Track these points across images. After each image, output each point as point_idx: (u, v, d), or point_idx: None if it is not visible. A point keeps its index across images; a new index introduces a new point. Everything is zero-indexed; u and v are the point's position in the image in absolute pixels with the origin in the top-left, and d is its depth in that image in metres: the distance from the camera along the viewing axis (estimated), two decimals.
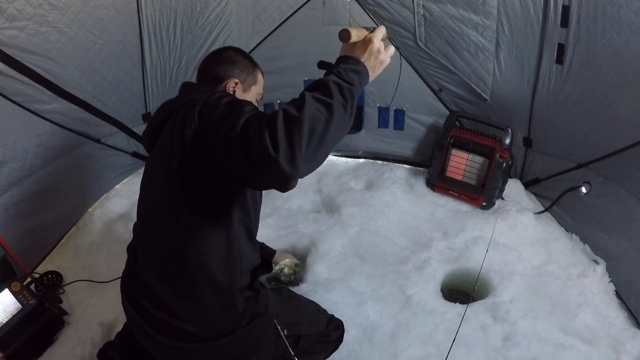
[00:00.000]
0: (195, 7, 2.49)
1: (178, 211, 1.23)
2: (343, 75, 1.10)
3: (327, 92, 1.05)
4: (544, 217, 2.58)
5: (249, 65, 1.54)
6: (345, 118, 1.05)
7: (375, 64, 1.19)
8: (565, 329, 1.96)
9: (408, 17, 2.51)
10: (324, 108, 1.01)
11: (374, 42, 1.18)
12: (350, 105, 1.07)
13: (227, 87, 1.46)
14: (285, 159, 0.94)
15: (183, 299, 1.31)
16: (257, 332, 1.40)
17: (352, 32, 1.17)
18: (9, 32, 1.79)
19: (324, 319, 1.71)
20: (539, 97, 2.38)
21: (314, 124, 0.97)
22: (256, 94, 1.58)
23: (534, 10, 2.14)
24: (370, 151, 3.10)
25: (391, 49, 1.21)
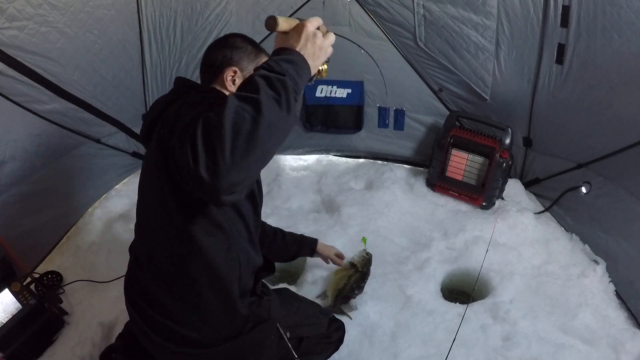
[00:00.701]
0: (195, 7, 2.49)
1: (170, 213, 1.18)
2: (273, 67, 0.96)
3: (252, 87, 0.91)
4: (544, 217, 2.58)
5: (251, 50, 1.40)
6: (280, 114, 0.91)
7: (314, 50, 1.05)
8: (565, 329, 1.96)
9: (408, 17, 2.51)
10: (248, 106, 0.88)
11: (307, 26, 1.05)
12: (286, 98, 0.93)
13: (225, 77, 1.35)
14: (207, 170, 0.84)
15: (181, 303, 1.28)
16: (260, 337, 1.38)
17: (280, 20, 1.05)
18: (9, 32, 1.79)
19: (325, 320, 1.71)
20: (539, 97, 2.38)
21: (238, 126, 0.85)
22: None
23: (534, 10, 2.14)
24: (370, 151, 3.10)
25: (331, 36, 1.10)
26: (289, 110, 0.93)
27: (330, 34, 1.10)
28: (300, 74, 1.01)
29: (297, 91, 0.98)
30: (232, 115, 0.86)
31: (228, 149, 0.84)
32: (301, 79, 1.01)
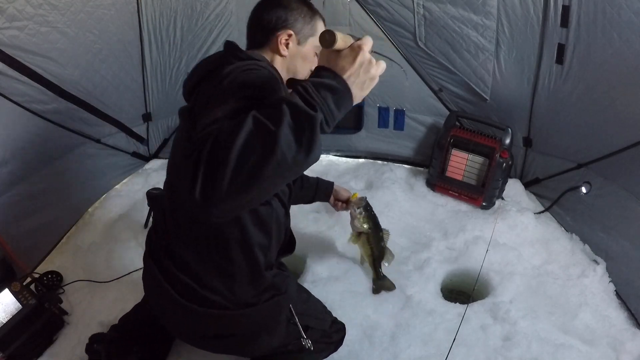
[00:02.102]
0: (195, 7, 2.49)
1: None
2: (310, 94, 0.82)
3: (276, 115, 0.78)
4: (544, 217, 2.58)
5: (306, 12, 1.33)
6: (295, 155, 0.78)
7: (365, 79, 0.91)
8: (565, 329, 1.96)
9: (408, 17, 2.51)
10: (262, 137, 0.76)
11: (364, 49, 0.90)
12: (309, 138, 0.79)
13: (279, 40, 1.29)
14: (201, 194, 0.77)
15: (209, 267, 1.27)
16: (276, 310, 1.39)
17: (339, 36, 0.89)
18: (9, 32, 1.80)
19: (329, 318, 1.74)
20: (539, 97, 2.38)
21: (245, 158, 0.75)
22: (314, 47, 1.36)
23: (534, 10, 2.14)
24: (370, 151, 3.10)
25: (382, 65, 0.95)
26: (309, 151, 0.80)
27: (382, 63, 0.95)
28: (339, 106, 0.87)
29: (330, 124, 0.87)
30: (242, 142, 0.75)
31: (227, 179, 0.75)
32: (339, 111, 0.88)
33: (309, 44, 1.35)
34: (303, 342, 1.53)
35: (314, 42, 1.35)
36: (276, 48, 1.30)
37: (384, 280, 2.07)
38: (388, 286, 2.08)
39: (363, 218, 1.87)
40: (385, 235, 1.94)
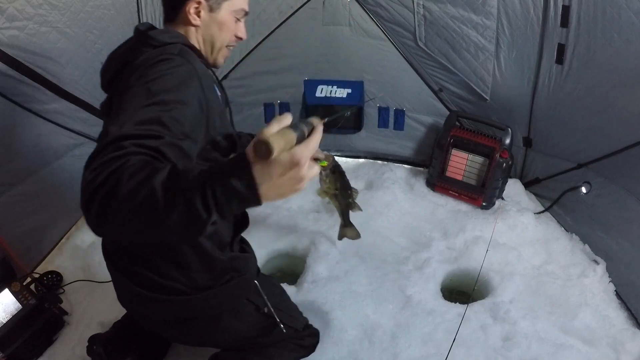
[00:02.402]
0: None
1: None
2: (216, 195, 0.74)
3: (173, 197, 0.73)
4: (544, 217, 2.58)
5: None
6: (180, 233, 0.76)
7: (287, 191, 0.78)
8: (565, 329, 1.96)
9: (408, 17, 2.51)
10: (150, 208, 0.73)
11: (301, 165, 0.73)
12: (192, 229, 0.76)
13: (188, 11, 1.23)
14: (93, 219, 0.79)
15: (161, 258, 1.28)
16: (235, 292, 1.39)
17: (275, 143, 0.71)
18: (9, 32, 1.79)
19: (303, 320, 1.70)
20: (539, 97, 2.38)
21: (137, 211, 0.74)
22: (232, 12, 1.29)
23: (534, 10, 2.14)
24: (370, 151, 3.11)
25: (314, 172, 0.79)
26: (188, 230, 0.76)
27: (314, 170, 0.79)
28: (239, 208, 0.79)
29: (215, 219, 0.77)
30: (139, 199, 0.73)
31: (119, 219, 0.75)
32: (236, 211, 0.80)
33: (224, 10, 1.27)
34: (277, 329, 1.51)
35: (230, 7, 1.28)
36: (187, 19, 1.24)
37: (350, 227, 2.05)
38: (352, 235, 2.06)
39: (330, 181, 1.74)
40: (354, 194, 1.89)
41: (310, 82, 2.88)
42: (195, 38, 1.29)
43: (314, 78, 2.87)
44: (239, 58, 2.80)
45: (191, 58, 1.15)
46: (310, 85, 2.89)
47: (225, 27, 1.29)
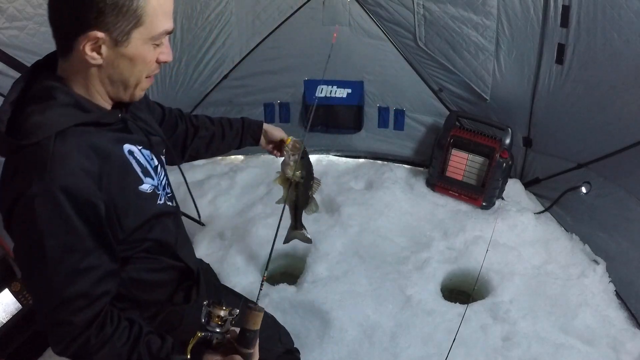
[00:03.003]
0: (195, 7, 2.49)
1: None
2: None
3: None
4: (544, 217, 2.58)
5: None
6: None
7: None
8: (565, 329, 1.96)
9: (408, 17, 2.51)
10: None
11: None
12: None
13: (82, 51, 0.88)
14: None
15: None
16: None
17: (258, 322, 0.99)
18: (9, 32, 1.79)
19: (278, 350, 1.49)
20: (539, 97, 2.38)
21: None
22: (147, 40, 0.92)
23: (534, 10, 2.14)
24: (370, 151, 3.10)
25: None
26: None
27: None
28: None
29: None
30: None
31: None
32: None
33: (134, 40, 0.90)
34: None
35: (144, 34, 0.91)
36: (83, 60, 0.90)
37: (301, 230, 1.77)
38: (303, 238, 1.78)
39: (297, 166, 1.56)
40: (316, 185, 1.67)
41: (310, 82, 2.88)
42: (98, 80, 0.94)
43: (314, 78, 2.87)
44: (239, 58, 2.79)
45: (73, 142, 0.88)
46: (310, 85, 2.89)
47: (139, 60, 0.94)
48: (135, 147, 1.03)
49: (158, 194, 1.08)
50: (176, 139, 1.40)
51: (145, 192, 1.03)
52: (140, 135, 1.07)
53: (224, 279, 2.10)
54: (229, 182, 2.74)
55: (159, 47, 0.96)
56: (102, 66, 0.92)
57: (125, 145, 1.01)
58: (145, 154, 1.07)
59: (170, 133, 1.36)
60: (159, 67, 1.01)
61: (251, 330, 0.96)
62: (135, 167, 1.01)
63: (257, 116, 2.97)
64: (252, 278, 2.17)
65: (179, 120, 1.42)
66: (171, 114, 1.40)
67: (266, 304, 1.96)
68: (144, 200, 1.03)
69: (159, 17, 0.91)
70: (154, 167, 1.10)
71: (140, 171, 1.03)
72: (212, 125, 1.47)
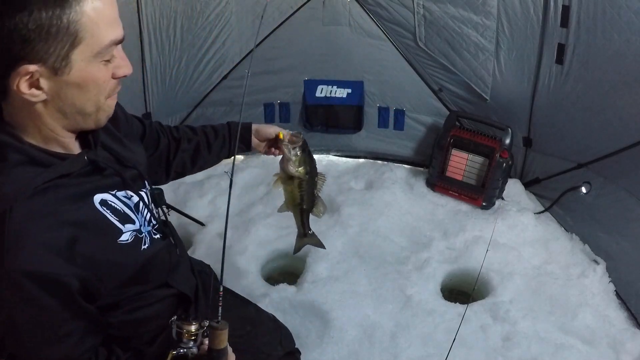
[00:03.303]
0: (195, 7, 2.49)
1: None
2: None
3: None
4: (544, 217, 2.58)
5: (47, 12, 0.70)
6: None
7: None
8: (565, 329, 1.96)
9: (408, 17, 2.51)
10: None
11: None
12: None
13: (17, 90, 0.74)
14: None
15: None
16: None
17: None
18: None
19: (278, 354, 1.42)
20: (539, 97, 2.38)
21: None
22: (92, 57, 0.78)
23: (534, 10, 2.14)
24: (370, 151, 3.10)
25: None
26: None
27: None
28: None
29: None
30: None
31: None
32: None
33: (77, 63, 0.76)
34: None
35: (87, 52, 0.76)
36: (23, 98, 0.76)
37: (312, 237, 1.59)
38: (315, 243, 1.62)
39: (299, 160, 1.38)
40: (321, 181, 1.48)
41: (310, 82, 2.88)
42: (48, 117, 0.81)
43: (313, 78, 2.87)
44: (239, 58, 2.80)
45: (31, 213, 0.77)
46: (310, 85, 2.89)
47: (90, 84, 0.80)
48: (108, 195, 0.92)
49: (141, 238, 0.98)
50: (160, 156, 1.28)
51: (127, 243, 0.93)
52: (112, 178, 0.94)
53: (224, 279, 2.10)
54: (229, 182, 2.74)
55: (112, 62, 0.82)
56: (48, 101, 0.78)
57: (96, 196, 0.89)
58: (121, 195, 0.95)
59: (152, 149, 1.25)
60: (119, 84, 0.87)
61: (217, 349, 0.89)
62: (111, 219, 0.90)
63: (257, 116, 2.97)
64: (252, 278, 2.17)
65: (160, 134, 1.29)
66: (152, 128, 1.27)
67: (266, 304, 1.96)
68: (125, 253, 0.93)
69: (100, 29, 0.76)
70: (134, 205, 0.98)
71: (118, 221, 0.92)
72: (195, 135, 1.34)
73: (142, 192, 1.04)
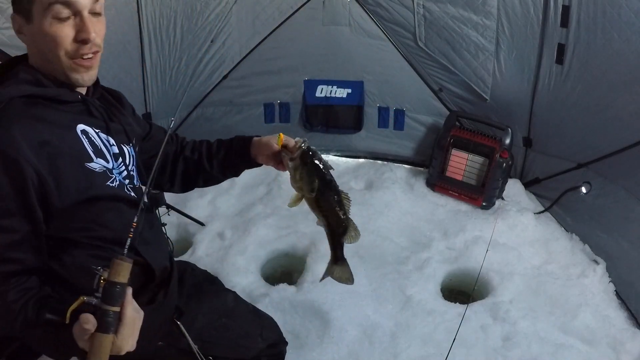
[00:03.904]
0: (195, 7, 2.49)
1: None
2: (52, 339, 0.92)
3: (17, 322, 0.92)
4: (544, 217, 2.58)
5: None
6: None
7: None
8: (565, 329, 1.96)
9: (408, 17, 2.52)
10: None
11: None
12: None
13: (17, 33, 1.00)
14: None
15: None
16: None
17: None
18: (9, 32, 1.80)
19: (259, 346, 1.38)
20: (539, 97, 2.38)
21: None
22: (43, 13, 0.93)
23: (534, 10, 2.14)
24: (370, 151, 3.11)
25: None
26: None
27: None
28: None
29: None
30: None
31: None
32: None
33: (36, 16, 0.94)
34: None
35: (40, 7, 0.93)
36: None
37: (343, 267, 1.39)
38: (343, 276, 1.40)
39: (299, 174, 1.15)
40: (346, 201, 1.27)
41: (310, 82, 2.88)
42: (39, 57, 1.01)
43: (313, 78, 2.87)
44: (239, 58, 2.80)
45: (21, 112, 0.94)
46: (310, 85, 2.89)
47: (47, 37, 0.94)
48: (90, 129, 1.04)
49: (111, 177, 1.05)
50: (165, 159, 1.31)
51: (94, 170, 1.01)
52: (99, 120, 1.08)
53: (224, 279, 2.10)
54: (229, 182, 2.73)
55: (68, 22, 0.96)
56: (30, 43, 1.00)
57: (79, 125, 1.02)
58: (103, 137, 1.07)
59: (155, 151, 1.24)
60: (84, 47, 0.99)
61: (116, 282, 0.81)
62: (86, 145, 1.01)
63: (257, 116, 2.97)
64: (252, 278, 2.17)
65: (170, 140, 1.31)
66: (160, 131, 1.34)
67: (266, 304, 1.96)
68: (90, 176, 1.00)
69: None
70: (114, 153, 1.08)
71: (92, 151, 1.02)
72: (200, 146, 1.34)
73: (124, 148, 1.13)
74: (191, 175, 1.34)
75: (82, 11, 0.98)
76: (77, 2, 0.95)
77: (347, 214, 1.26)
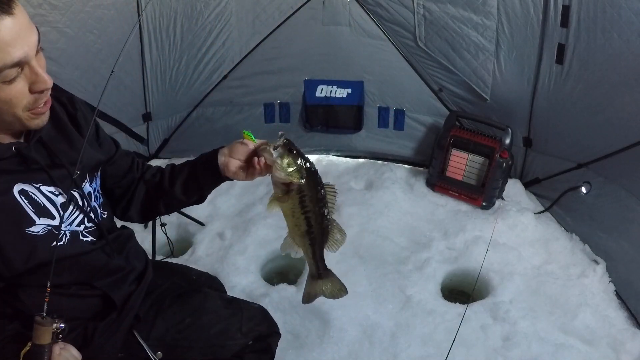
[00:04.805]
0: (195, 7, 2.49)
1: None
2: None
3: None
4: (544, 217, 2.58)
5: None
6: None
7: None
8: (565, 329, 1.96)
9: (408, 17, 2.52)
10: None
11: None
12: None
13: None
14: None
15: None
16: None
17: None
18: None
19: (239, 342, 1.29)
20: (539, 97, 2.38)
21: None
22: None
23: (534, 10, 2.14)
24: (370, 151, 3.11)
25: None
26: None
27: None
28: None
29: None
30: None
31: None
32: None
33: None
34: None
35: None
36: None
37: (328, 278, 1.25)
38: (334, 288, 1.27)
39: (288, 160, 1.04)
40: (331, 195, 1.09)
41: (310, 82, 2.89)
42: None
43: (313, 78, 2.87)
44: (239, 58, 2.80)
45: None
46: (310, 85, 2.89)
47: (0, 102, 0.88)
48: (30, 186, 0.96)
49: (58, 234, 0.98)
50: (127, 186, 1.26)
51: (36, 235, 0.95)
52: (39, 172, 0.98)
53: (224, 279, 2.10)
54: (229, 182, 2.74)
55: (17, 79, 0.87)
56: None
57: (16, 185, 0.94)
58: (47, 190, 0.98)
59: (119, 178, 1.24)
60: (41, 96, 0.92)
61: (36, 344, 0.87)
62: (25, 208, 0.94)
63: (257, 116, 2.97)
64: (252, 278, 2.17)
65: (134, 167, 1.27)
66: (125, 157, 1.26)
67: (266, 304, 1.95)
68: (32, 242, 0.95)
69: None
70: (61, 203, 1.01)
71: (34, 212, 0.95)
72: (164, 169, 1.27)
73: (75, 193, 1.05)
74: (152, 199, 1.25)
75: (30, 61, 0.89)
76: (26, 56, 0.87)
77: (331, 214, 1.11)
